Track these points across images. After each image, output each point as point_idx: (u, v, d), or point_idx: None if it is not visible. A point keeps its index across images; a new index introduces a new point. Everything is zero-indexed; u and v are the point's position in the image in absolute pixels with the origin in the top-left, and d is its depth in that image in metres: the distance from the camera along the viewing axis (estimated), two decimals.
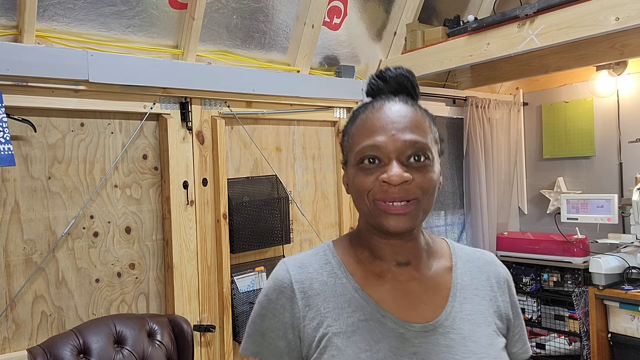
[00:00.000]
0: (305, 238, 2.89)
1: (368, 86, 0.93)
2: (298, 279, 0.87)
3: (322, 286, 0.87)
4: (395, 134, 0.82)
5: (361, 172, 0.84)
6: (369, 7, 3.04)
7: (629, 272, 2.91)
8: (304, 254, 0.93)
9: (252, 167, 2.71)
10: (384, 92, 0.90)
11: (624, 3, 2.17)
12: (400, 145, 0.81)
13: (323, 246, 0.94)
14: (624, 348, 2.91)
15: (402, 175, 0.80)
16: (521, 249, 3.49)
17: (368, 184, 0.82)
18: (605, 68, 3.25)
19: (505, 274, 0.97)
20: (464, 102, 3.57)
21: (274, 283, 0.88)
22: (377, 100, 0.88)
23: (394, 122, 0.83)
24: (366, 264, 0.89)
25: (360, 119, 0.87)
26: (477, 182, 3.55)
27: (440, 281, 0.89)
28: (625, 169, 3.35)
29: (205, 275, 2.47)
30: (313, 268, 0.89)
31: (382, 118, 0.84)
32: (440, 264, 0.92)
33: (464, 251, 0.98)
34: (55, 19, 2.11)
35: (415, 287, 0.87)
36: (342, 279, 0.87)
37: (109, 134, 2.28)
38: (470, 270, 0.93)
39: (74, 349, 1.90)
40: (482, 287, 0.92)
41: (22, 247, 2.05)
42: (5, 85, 1.94)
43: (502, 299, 0.93)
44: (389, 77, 0.90)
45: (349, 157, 0.88)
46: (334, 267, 0.89)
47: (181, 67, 2.37)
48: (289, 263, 0.90)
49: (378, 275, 0.88)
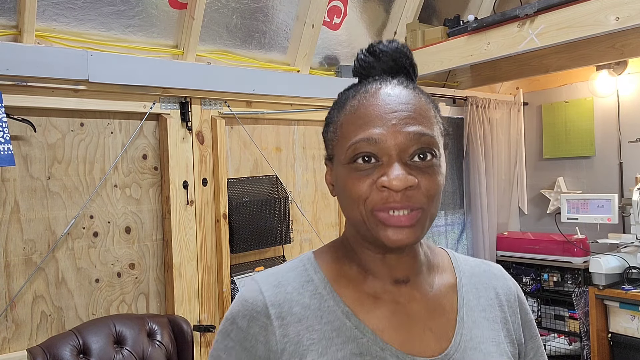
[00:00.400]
0: (305, 238, 2.89)
1: (356, 63, 0.76)
2: (274, 301, 0.70)
3: (304, 310, 0.69)
4: (397, 125, 0.66)
5: (353, 174, 0.68)
6: (369, 7, 3.04)
7: (629, 272, 2.91)
8: (279, 269, 0.75)
9: (252, 167, 2.71)
10: (375, 71, 0.74)
11: (624, 3, 2.17)
12: (402, 140, 0.66)
13: (302, 259, 0.77)
14: (624, 348, 2.91)
15: (406, 179, 0.65)
16: (521, 249, 3.49)
17: (363, 190, 0.66)
18: (605, 68, 3.25)
19: (516, 289, 0.83)
20: (464, 101, 3.57)
21: (243, 306, 0.70)
22: (369, 82, 0.72)
23: (395, 110, 0.67)
24: (357, 282, 0.73)
25: (350, 106, 0.71)
26: (477, 182, 3.55)
27: (444, 302, 0.75)
28: (625, 168, 3.35)
29: (205, 275, 2.47)
30: (292, 287, 0.72)
31: (379, 105, 0.68)
32: (443, 280, 0.78)
33: (468, 263, 0.83)
34: (55, 18, 2.10)
35: (418, 309, 0.72)
36: (328, 300, 0.71)
37: (108, 134, 2.28)
38: (476, 287, 0.79)
39: (73, 349, 1.90)
40: (491, 307, 0.78)
41: (21, 247, 2.05)
42: (5, 85, 1.94)
43: (513, 320, 0.79)
44: (382, 52, 0.74)
45: (336, 152, 0.72)
46: (317, 286, 0.72)
47: (181, 67, 2.37)
48: (262, 281, 0.73)
49: (373, 297, 0.72)
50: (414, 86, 0.72)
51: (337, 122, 0.72)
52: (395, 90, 0.69)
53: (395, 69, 0.74)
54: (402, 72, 0.74)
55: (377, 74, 0.73)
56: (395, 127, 0.66)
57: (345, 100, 0.73)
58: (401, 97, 0.69)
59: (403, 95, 0.69)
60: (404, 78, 0.73)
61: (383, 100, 0.68)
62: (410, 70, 0.75)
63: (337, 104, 0.74)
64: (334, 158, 0.73)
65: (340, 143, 0.71)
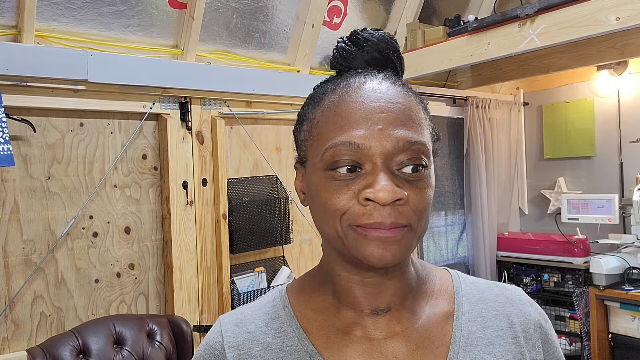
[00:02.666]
0: (305, 238, 2.89)
1: (336, 52, 0.65)
2: (233, 342, 0.64)
3: (265, 351, 0.63)
4: (384, 129, 0.56)
5: (330, 183, 0.57)
6: (369, 7, 3.04)
7: (629, 273, 2.91)
8: (248, 306, 0.69)
9: (252, 167, 2.71)
10: (358, 62, 0.63)
11: (624, 3, 2.16)
12: (390, 146, 0.56)
13: (274, 293, 0.70)
14: (624, 348, 2.90)
15: (394, 191, 0.55)
16: (522, 249, 3.48)
17: (342, 202, 0.56)
18: (605, 68, 3.25)
19: (538, 316, 0.67)
20: (465, 102, 3.56)
21: (204, 350, 0.66)
22: (351, 74, 0.62)
23: (381, 109, 0.57)
24: (327, 314, 0.64)
25: (329, 101, 0.60)
26: (477, 182, 3.54)
27: (434, 335, 0.62)
28: (625, 169, 3.35)
29: (204, 275, 2.47)
30: (256, 325, 0.65)
31: (363, 102, 0.58)
32: (436, 307, 0.65)
33: (476, 287, 0.69)
34: (54, 18, 2.10)
35: (397, 347, 0.61)
36: (292, 339, 0.63)
37: (108, 134, 2.28)
38: (482, 316, 0.65)
39: (73, 349, 1.89)
40: (500, 340, 0.63)
41: (21, 247, 2.05)
42: (5, 85, 1.94)
43: (531, 356, 0.64)
44: (366, 41, 0.63)
45: (310, 154, 0.61)
46: (283, 323, 0.64)
47: (181, 67, 2.36)
48: (225, 320, 0.67)
49: (342, 332, 0.62)
50: (402, 82, 0.62)
51: (313, 120, 0.61)
52: (382, 86, 0.59)
53: (380, 61, 0.63)
54: (389, 65, 0.64)
55: (359, 66, 0.63)
56: (382, 130, 0.56)
57: (322, 94, 0.62)
58: (389, 94, 0.59)
59: (391, 92, 0.59)
60: (391, 73, 0.63)
61: (368, 97, 0.58)
62: (398, 64, 0.65)
63: (313, 99, 0.64)
64: (307, 162, 0.62)
65: (315, 144, 0.60)
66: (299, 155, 0.65)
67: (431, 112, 0.65)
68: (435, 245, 3.58)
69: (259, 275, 2.66)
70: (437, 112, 3.51)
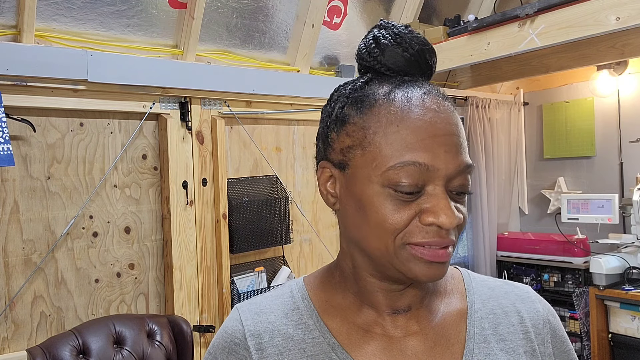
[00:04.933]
0: (305, 238, 2.89)
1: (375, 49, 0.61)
2: (254, 331, 0.64)
3: (287, 342, 0.63)
4: (449, 153, 0.57)
5: (390, 200, 0.57)
6: (369, 7, 3.04)
7: (629, 272, 2.91)
8: (265, 296, 0.70)
9: (252, 167, 2.71)
10: (399, 65, 0.61)
11: (624, 3, 2.16)
12: (453, 171, 0.57)
13: (290, 285, 0.70)
14: (624, 348, 2.90)
15: (455, 217, 0.57)
16: (522, 249, 3.48)
17: (402, 221, 0.57)
18: (605, 68, 3.25)
19: (546, 312, 0.70)
20: (465, 101, 3.56)
21: (223, 338, 0.66)
22: (404, 83, 0.60)
23: (446, 132, 0.57)
24: (348, 312, 0.65)
25: (388, 112, 0.58)
26: (477, 182, 3.55)
27: (450, 333, 0.65)
28: (625, 168, 3.35)
29: (204, 275, 2.47)
30: (275, 315, 0.65)
31: (430, 123, 0.57)
32: (450, 306, 0.67)
33: (486, 285, 0.71)
34: (54, 18, 2.10)
35: (415, 345, 0.63)
36: (314, 332, 0.64)
37: (108, 134, 2.28)
38: (494, 313, 0.67)
39: (73, 349, 1.89)
40: (512, 336, 0.66)
41: (21, 247, 2.05)
42: (5, 85, 1.94)
43: (541, 350, 0.67)
44: (411, 44, 0.60)
45: (359, 164, 0.59)
46: (303, 315, 0.65)
47: (181, 67, 2.36)
48: (243, 309, 0.67)
49: (363, 330, 0.64)
50: (448, 98, 0.61)
51: (365, 128, 0.59)
52: (442, 106, 0.58)
53: (419, 66, 0.61)
54: (427, 72, 0.62)
55: (398, 68, 0.61)
56: (447, 153, 0.57)
57: (373, 100, 0.59)
58: (448, 114, 0.58)
59: (449, 112, 0.59)
60: (436, 85, 0.62)
61: (433, 117, 0.57)
62: (431, 72, 0.64)
63: (360, 102, 0.60)
64: (351, 169, 0.60)
65: (369, 155, 0.58)
66: (335, 158, 0.62)
67: None
68: None
69: (259, 275, 2.66)
70: None
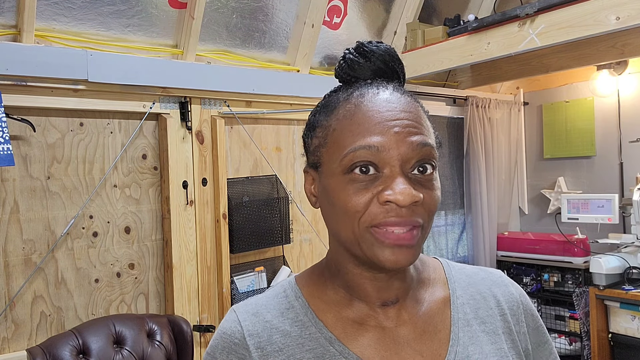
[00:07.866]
0: (305, 238, 2.89)
1: (343, 64, 0.70)
2: (252, 330, 0.67)
3: (285, 339, 0.66)
4: (400, 134, 0.61)
5: (350, 185, 0.62)
6: (369, 7, 3.04)
7: (629, 272, 2.91)
8: (260, 297, 0.72)
9: (252, 167, 2.71)
10: (364, 72, 0.68)
11: (624, 2, 2.16)
12: (405, 150, 0.61)
13: (283, 285, 0.73)
14: (624, 348, 2.90)
15: (411, 194, 0.59)
16: (522, 249, 3.48)
17: (361, 203, 0.61)
18: (605, 67, 3.25)
19: (519, 295, 0.76)
20: (465, 101, 3.56)
21: (222, 339, 0.68)
22: (362, 85, 0.67)
23: (396, 117, 0.62)
24: (340, 307, 0.69)
25: (345, 110, 0.65)
26: (477, 182, 3.54)
27: (436, 320, 0.70)
28: (625, 168, 3.35)
29: (204, 275, 2.47)
30: (272, 315, 0.68)
31: (379, 111, 0.62)
32: (434, 295, 0.72)
33: (464, 272, 0.77)
34: (54, 18, 2.10)
35: (406, 333, 0.68)
36: (310, 327, 0.67)
37: (108, 134, 2.28)
38: (473, 298, 0.73)
39: (73, 349, 1.89)
40: (491, 319, 0.72)
41: (21, 247, 2.05)
42: (5, 85, 1.94)
43: (517, 329, 0.73)
44: (372, 53, 0.68)
45: (325, 160, 0.66)
46: (298, 313, 0.68)
47: (181, 67, 2.36)
48: (240, 310, 0.70)
49: (357, 323, 0.67)
50: (409, 93, 0.67)
51: (328, 127, 0.66)
52: (394, 97, 0.64)
53: (385, 72, 0.69)
54: (393, 76, 0.69)
55: (366, 76, 0.68)
56: (398, 135, 0.61)
57: (336, 103, 0.67)
58: (401, 104, 0.64)
59: (402, 102, 0.64)
60: (397, 84, 0.69)
61: (382, 106, 0.63)
62: (401, 75, 0.70)
63: (326, 107, 0.68)
64: (321, 166, 0.66)
65: (331, 150, 0.64)
66: (311, 160, 0.69)
67: (431, 112, 0.71)
68: (436, 245, 3.58)
69: (259, 275, 2.66)
70: (437, 112, 3.51)
